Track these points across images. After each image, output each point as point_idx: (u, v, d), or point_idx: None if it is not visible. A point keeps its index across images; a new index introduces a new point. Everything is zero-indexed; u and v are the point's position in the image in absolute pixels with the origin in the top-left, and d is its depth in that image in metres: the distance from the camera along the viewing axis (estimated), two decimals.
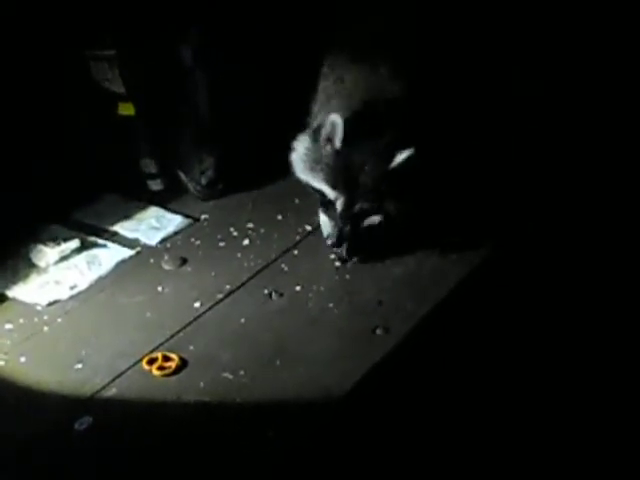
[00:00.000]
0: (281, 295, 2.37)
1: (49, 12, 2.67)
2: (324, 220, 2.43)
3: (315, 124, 2.40)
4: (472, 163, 2.67)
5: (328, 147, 2.31)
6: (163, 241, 2.61)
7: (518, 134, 2.83)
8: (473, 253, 2.46)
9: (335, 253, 2.46)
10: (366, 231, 2.37)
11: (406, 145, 2.27)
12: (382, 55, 2.43)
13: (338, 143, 2.29)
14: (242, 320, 2.29)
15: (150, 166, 2.81)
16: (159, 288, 2.43)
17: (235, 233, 2.62)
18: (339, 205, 2.33)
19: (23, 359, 2.21)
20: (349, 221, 2.34)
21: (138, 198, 2.80)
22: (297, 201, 2.69)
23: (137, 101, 2.75)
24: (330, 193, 2.34)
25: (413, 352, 2.25)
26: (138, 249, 2.59)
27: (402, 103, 2.36)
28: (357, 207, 2.33)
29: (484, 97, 2.80)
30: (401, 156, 2.28)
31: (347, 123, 2.26)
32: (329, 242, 2.38)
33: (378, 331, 2.22)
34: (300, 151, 2.38)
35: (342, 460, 2.11)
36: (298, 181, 2.47)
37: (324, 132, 2.30)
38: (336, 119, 2.27)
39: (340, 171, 2.32)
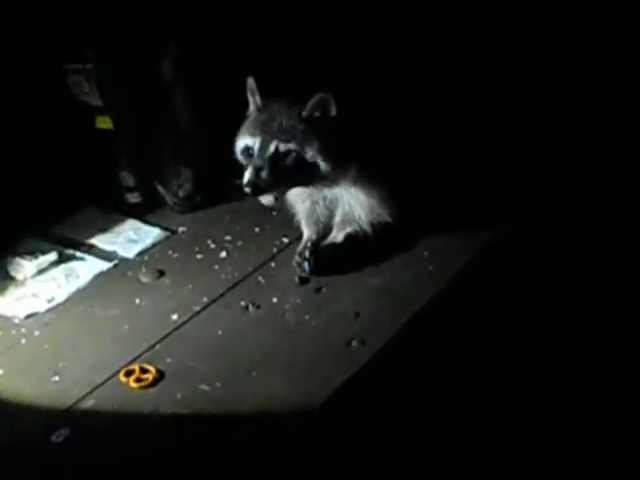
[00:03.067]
0: (258, 307, 2.38)
1: (27, 25, 2.68)
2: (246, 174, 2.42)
3: None
4: (449, 170, 2.68)
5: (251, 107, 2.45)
6: (141, 254, 2.62)
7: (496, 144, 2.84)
8: (450, 264, 2.48)
9: (297, 269, 2.46)
10: (285, 174, 2.39)
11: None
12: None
13: (258, 100, 2.43)
14: (219, 332, 2.30)
15: (128, 179, 2.82)
16: (137, 300, 2.43)
17: (212, 246, 2.63)
18: (256, 146, 2.39)
19: (0, 371, 2.22)
20: (266, 162, 2.37)
21: (116, 211, 2.81)
22: (274, 214, 2.69)
23: (115, 114, 2.76)
24: (249, 140, 2.40)
25: (389, 364, 2.26)
26: (116, 262, 2.59)
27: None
28: (272, 146, 2.37)
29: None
30: (314, 99, 2.36)
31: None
32: (246, 189, 2.38)
33: (354, 343, 2.23)
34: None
35: (318, 471, 2.12)
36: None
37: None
38: (250, 81, 2.42)
39: (259, 121, 2.42)
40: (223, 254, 2.59)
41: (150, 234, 2.69)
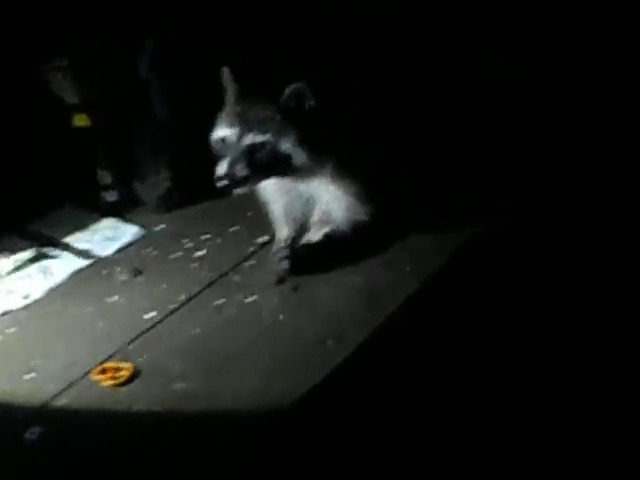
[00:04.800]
0: (234, 306, 2.37)
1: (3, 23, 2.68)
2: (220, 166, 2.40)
3: None
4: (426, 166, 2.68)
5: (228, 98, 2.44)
6: (118, 252, 2.62)
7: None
8: (427, 263, 2.47)
9: (274, 268, 2.45)
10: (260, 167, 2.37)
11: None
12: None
13: (234, 90, 2.42)
14: (195, 330, 2.29)
15: (106, 177, 2.82)
16: (113, 298, 2.43)
17: (189, 244, 2.63)
18: (231, 138, 2.37)
19: None
20: (242, 155, 2.36)
21: (94, 209, 2.80)
22: (251, 213, 2.69)
23: (93, 112, 2.75)
24: (225, 132, 2.39)
25: (366, 361, 2.25)
26: (93, 259, 2.59)
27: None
28: (248, 139, 2.36)
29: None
30: (289, 89, 2.35)
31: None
32: (221, 183, 2.37)
33: (330, 341, 2.22)
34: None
35: (292, 469, 2.11)
36: (252, 194, 2.52)
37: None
38: (226, 72, 2.42)
39: (235, 112, 2.40)
40: (200, 253, 2.59)
41: (127, 232, 2.70)
